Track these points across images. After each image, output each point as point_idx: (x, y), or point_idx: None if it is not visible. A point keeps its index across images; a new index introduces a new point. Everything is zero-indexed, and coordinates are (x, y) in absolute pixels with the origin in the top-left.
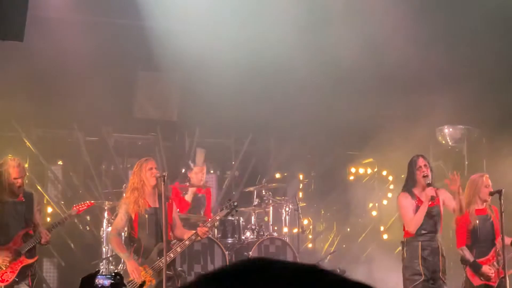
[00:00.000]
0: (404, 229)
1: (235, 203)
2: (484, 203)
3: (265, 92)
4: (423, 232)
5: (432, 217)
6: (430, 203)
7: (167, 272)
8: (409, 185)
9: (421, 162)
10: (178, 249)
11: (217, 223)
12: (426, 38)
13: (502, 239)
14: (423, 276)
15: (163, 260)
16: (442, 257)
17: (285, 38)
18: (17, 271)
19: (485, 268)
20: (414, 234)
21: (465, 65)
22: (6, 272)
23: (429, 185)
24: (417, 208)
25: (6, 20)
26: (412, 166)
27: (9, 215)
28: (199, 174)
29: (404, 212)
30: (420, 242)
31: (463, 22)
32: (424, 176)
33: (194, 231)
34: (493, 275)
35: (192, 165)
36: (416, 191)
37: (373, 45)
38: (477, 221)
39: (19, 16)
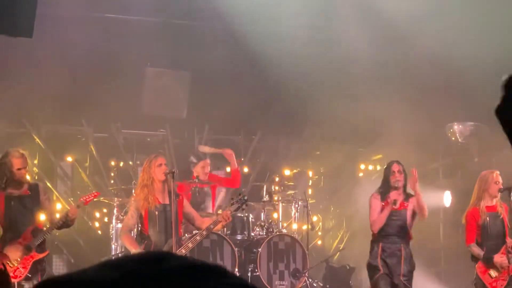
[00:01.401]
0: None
1: (245, 197)
2: (494, 200)
3: (274, 89)
4: (385, 234)
5: (395, 221)
6: (392, 207)
7: None
8: (382, 187)
9: (395, 167)
10: (190, 245)
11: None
12: (437, 34)
13: None
14: (381, 270)
15: None
16: (404, 261)
17: (296, 34)
18: (29, 266)
19: (498, 258)
20: (377, 235)
21: (473, 60)
22: (18, 268)
23: (395, 188)
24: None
25: (15, 17)
26: (387, 171)
27: (16, 211)
28: (205, 167)
29: (370, 212)
30: (381, 244)
31: (472, 15)
32: (396, 181)
33: (213, 218)
34: (506, 264)
35: (195, 160)
36: (387, 195)
37: (383, 41)
38: (487, 218)
39: (28, 13)
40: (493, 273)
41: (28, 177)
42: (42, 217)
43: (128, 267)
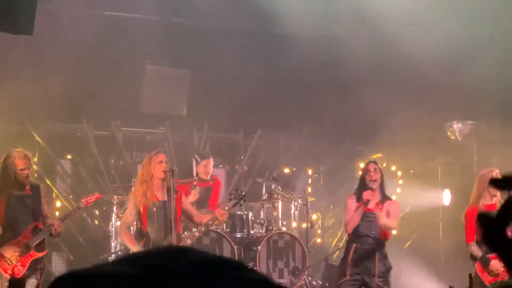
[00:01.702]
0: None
1: (243, 193)
2: (494, 198)
3: (275, 87)
4: (358, 234)
5: (369, 222)
6: (367, 207)
7: None
8: (358, 188)
9: (371, 166)
10: (189, 241)
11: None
12: (435, 34)
13: None
14: (347, 276)
15: None
16: (379, 262)
17: (298, 35)
18: (28, 264)
19: (495, 262)
20: (351, 235)
21: (474, 59)
22: (17, 266)
23: (370, 188)
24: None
25: (16, 14)
26: (363, 170)
27: (17, 210)
28: (207, 166)
29: (345, 212)
30: (354, 244)
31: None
32: (371, 180)
33: (212, 215)
34: (502, 270)
35: (198, 158)
36: (364, 195)
37: (383, 40)
38: None
39: (28, 10)
40: (491, 272)
41: (28, 180)
42: (41, 216)
43: (151, 262)
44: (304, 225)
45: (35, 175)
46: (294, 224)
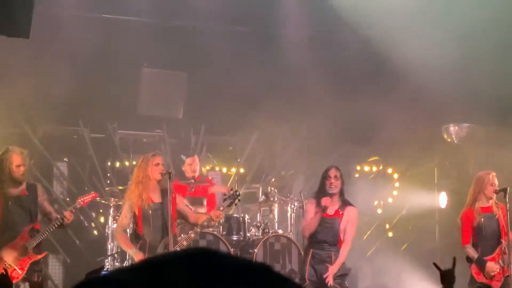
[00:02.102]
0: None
1: (238, 192)
2: (490, 201)
3: (272, 88)
4: (316, 241)
5: (327, 228)
6: (329, 209)
7: None
8: (318, 193)
9: (331, 172)
10: (185, 243)
11: (223, 219)
12: (432, 37)
13: (508, 238)
14: (306, 281)
15: None
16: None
17: (295, 36)
18: (26, 267)
19: (490, 264)
20: (309, 241)
21: (469, 62)
22: (15, 269)
23: (330, 195)
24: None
25: (13, 17)
26: (324, 175)
27: (14, 211)
28: (193, 164)
29: (304, 217)
30: (312, 250)
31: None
32: (330, 187)
33: (207, 216)
34: (497, 271)
35: (184, 157)
36: (322, 201)
37: (379, 42)
38: (483, 219)
39: (25, 13)
40: (486, 274)
41: (24, 177)
42: (39, 217)
43: (175, 271)
44: (301, 228)
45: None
46: (290, 227)
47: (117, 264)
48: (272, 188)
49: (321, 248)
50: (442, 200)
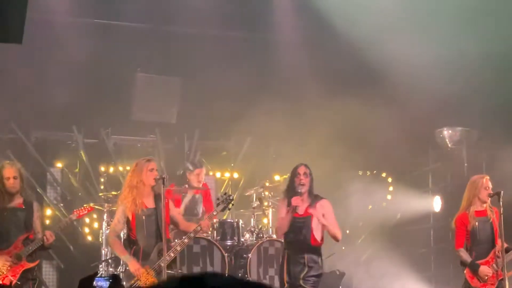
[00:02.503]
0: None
1: (231, 196)
2: (484, 205)
3: (265, 93)
4: (289, 241)
5: (298, 228)
6: (300, 208)
7: (170, 271)
8: (288, 192)
9: (301, 169)
10: (178, 248)
11: (217, 224)
12: (423, 40)
13: (502, 241)
14: (285, 284)
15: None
16: (308, 267)
17: (286, 39)
18: (19, 275)
19: (483, 268)
20: (284, 242)
21: (463, 65)
22: (8, 276)
23: (300, 193)
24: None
25: (5, 22)
26: (292, 173)
27: (9, 222)
28: (200, 175)
29: (277, 217)
30: (287, 251)
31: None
32: (300, 184)
33: (196, 226)
34: (490, 275)
35: (191, 167)
36: (292, 201)
37: (371, 47)
38: (477, 223)
39: (18, 18)
40: (479, 277)
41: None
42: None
43: None
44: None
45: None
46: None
47: (111, 269)
48: (266, 193)
49: (294, 249)
50: (436, 204)
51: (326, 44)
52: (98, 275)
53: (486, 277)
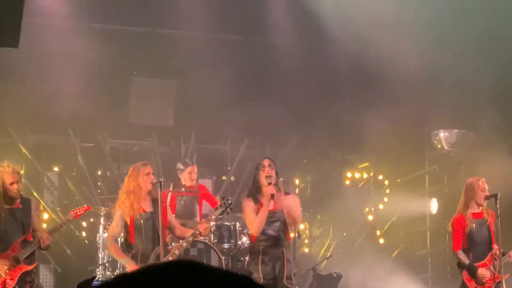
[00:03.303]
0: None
1: (229, 201)
2: (481, 207)
3: (261, 96)
4: (264, 237)
5: (273, 222)
6: (271, 202)
7: None
8: (253, 189)
9: (265, 162)
10: (177, 252)
11: (214, 228)
12: (419, 43)
13: (498, 243)
14: (262, 280)
15: None
16: (287, 263)
17: (283, 44)
18: (17, 278)
19: (481, 271)
20: (257, 238)
21: (458, 68)
22: (6, 280)
23: (269, 184)
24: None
25: (1, 27)
26: (257, 168)
27: (7, 223)
28: (193, 173)
29: (246, 216)
30: (261, 247)
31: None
32: (266, 176)
33: (194, 229)
34: (488, 277)
35: (181, 166)
36: (260, 197)
37: (368, 50)
38: (474, 225)
39: (14, 23)
40: (478, 280)
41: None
42: (31, 229)
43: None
44: (291, 235)
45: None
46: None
47: (108, 273)
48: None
49: (272, 244)
50: (433, 206)
51: (322, 47)
52: (96, 279)
53: (484, 280)
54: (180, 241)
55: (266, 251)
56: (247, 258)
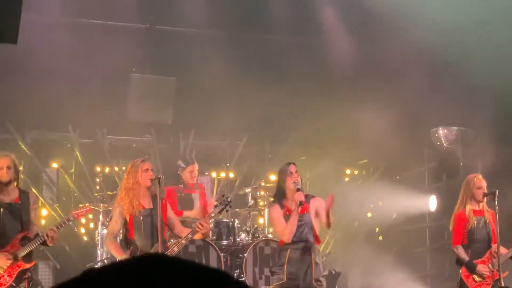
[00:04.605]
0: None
1: (229, 199)
2: (481, 204)
3: (260, 93)
4: (292, 241)
5: (301, 226)
6: (299, 209)
7: None
8: (279, 195)
9: (292, 168)
10: (176, 249)
11: (213, 224)
12: (419, 38)
13: (497, 241)
14: (285, 279)
15: None
16: (315, 265)
17: (287, 40)
18: (15, 275)
19: (480, 267)
20: (284, 243)
21: (458, 65)
22: (4, 276)
23: (298, 190)
24: (286, 217)
25: (0, 23)
26: (282, 174)
27: (5, 219)
28: (193, 172)
29: (276, 223)
30: (288, 250)
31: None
32: (294, 182)
33: (191, 230)
34: (487, 275)
35: (183, 164)
36: (285, 201)
37: (368, 45)
38: (475, 221)
39: (13, 19)
40: (477, 277)
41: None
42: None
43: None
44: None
45: (21, 183)
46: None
47: None
48: (262, 193)
49: (300, 248)
50: (432, 203)
51: (321, 44)
52: None
53: (483, 277)
54: (179, 238)
55: (294, 255)
56: (245, 255)
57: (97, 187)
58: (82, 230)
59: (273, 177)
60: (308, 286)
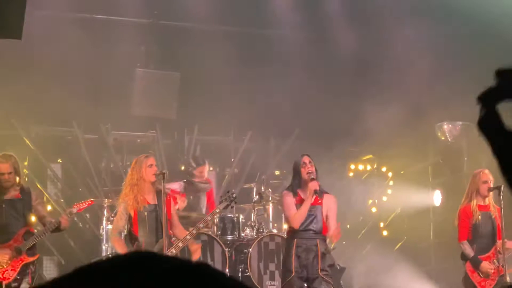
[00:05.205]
0: (288, 227)
1: (234, 195)
2: (487, 199)
3: (264, 88)
4: (300, 229)
5: (310, 216)
6: (314, 197)
7: None
8: (294, 184)
9: (306, 159)
10: (180, 244)
11: (217, 219)
12: (424, 33)
13: (502, 236)
14: (293, 273)
15: None
16: (322, 256)
17: (290, 35)
18: (18, 268)
19: (485, 264)
20: (292, 231)
21: (463, 58)
22: (7, 270)
23: (313, 179)
24: (298, 206)
25: (4, 18)
26: (297, 165)
27: (8, 214)
28: (203, 172)
29: (286, 208)
30: (295, 240)
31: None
32: (308, 173)
33: (189, 232)
34: (492, 271)
35: (194, 164)
36: (299, 191)
37: (371, 41)
38: (480, 217)
39: (17, 14)
40: (481, 273)
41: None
42: (33, 220)
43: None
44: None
45: (26, 179)
46: (285, 226)
47: None
48: (266, 188)
49: (307, 237)
50: (436, 198)
51: (326, 39)
52: None
53: (488, 273)
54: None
55: (300, 244)
56: (250, 250)
57: (102, 183)
58: (87, 225)
59: (277, 172)
60: (314, 276)
